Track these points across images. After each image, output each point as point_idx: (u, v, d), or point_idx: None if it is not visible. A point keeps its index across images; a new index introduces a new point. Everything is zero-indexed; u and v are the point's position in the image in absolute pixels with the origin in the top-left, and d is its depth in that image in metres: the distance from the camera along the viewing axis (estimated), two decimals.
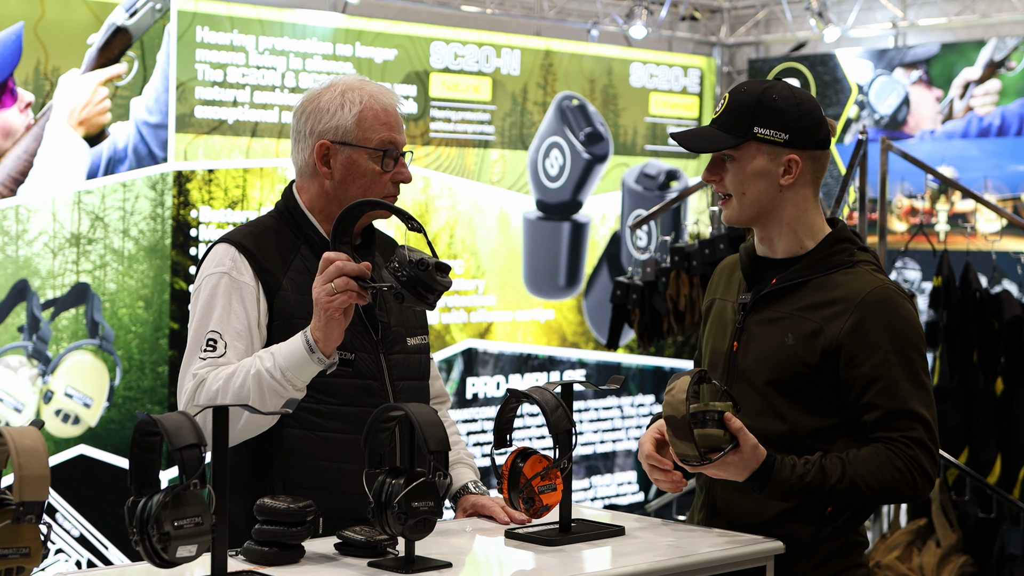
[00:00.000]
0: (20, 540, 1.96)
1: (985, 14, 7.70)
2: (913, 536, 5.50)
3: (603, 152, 7.89)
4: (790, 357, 2.66)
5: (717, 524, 2.74)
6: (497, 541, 2.60)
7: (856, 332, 2.62)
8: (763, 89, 2.71)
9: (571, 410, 2.61)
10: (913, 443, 2.60)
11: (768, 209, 2.72)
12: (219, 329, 2.68)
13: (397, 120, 2.83)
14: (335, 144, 2.77)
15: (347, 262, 2.53)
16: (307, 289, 2.70)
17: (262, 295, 2.72)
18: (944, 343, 5.66)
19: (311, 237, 2.79)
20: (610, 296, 5.75)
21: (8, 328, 5.69)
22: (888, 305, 2.64)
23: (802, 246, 2.73)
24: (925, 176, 5.67)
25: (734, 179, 2.71)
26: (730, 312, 2.79)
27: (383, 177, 2.81)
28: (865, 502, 2.66)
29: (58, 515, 5.75)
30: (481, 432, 7.37)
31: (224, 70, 6.29)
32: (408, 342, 2.84)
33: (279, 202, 2.87)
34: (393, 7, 7.13)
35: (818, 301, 2.67)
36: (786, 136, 2.68)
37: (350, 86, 2.81)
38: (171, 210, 6.10)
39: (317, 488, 2.61)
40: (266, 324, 2.71)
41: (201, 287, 2.74)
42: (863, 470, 2.59)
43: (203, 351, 2.67)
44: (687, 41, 8.62)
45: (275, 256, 2.75)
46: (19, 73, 5.63)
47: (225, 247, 2.76)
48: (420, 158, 7.09)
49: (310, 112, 2.80)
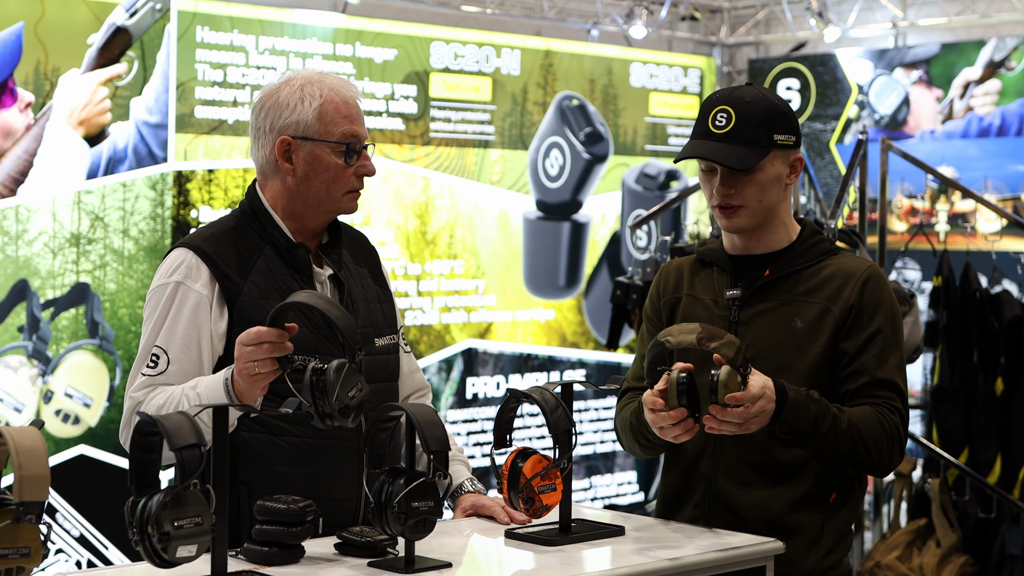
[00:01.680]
0: (20, 540, 1.96)
1: (985, 14, 7.69)
2: (913, 536, 5.50)
3: (603, 152, 7.89)
4: (803, 340, 2.71)
5: (720, 518, 2.74)
6: (497, 541, 2.60)
7: (862, 299, 2.71)
8: (764, 97, 2.74)
9: (571, 410, 2.61)
10: (893, 411, 2.68)
11: (774, 212, 2.76)
12: (163, 344, 2.63)
13: (358, 113, 2.78)
14: (296, 139, 2.71)
15: (268, 333, 2.41)
16: (270, 292, 2.65)
17: (219, 303, 2.65)
18: (944, 343, 5.66)
19: (275, 237, 2.72)
20: (610, 296, 5.75)
21: (8, 328, 5.69)
22: (883, 281, 2.77)
23: (782, 240, 2.80)
24: (925, 176, 5.67)
25: (754, 189, 2.73)
26: (715, 309, 2.80)
27: (347, 171, 2.74)
28: (852, 457, 2.65)
29: (58, 515, 5.75)
30: (481, 432, 7.37)
31: (224, 70, 6.29)
32: (376, 343, 2.78)
33: (242, 202, 2.80)
34: (393, 7, 7.13)
35: (817, 284, 2.75)
36: (794, 138, 2.76)
37: (309, 80, 2.75)
38: (171, 210, 6.10)
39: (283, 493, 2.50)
40: (225, 332, 2.64)
41: (154, 296, 2.68)
42: (856, 420, 2.65)
43: (146, 367, 2.63)
44: (687, 41, 8.62)
45: (236, 260, 2.68)
46: (19, 73, 5.63)
47: (181, 252, 2.70)
48: (420, 158, 7.09)
49: (269, 108, 2.74)
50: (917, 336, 4.96)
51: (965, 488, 5.60)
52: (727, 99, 2.73)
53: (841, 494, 2.74)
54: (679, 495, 2.84)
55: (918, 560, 5.44)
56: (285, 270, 2.71)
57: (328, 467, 2.67)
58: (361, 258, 2.90)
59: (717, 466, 2.75)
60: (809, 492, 2.70)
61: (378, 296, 2.87)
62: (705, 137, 2.73)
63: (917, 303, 4.99)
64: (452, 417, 7.25)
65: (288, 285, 2.68)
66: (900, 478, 5.67)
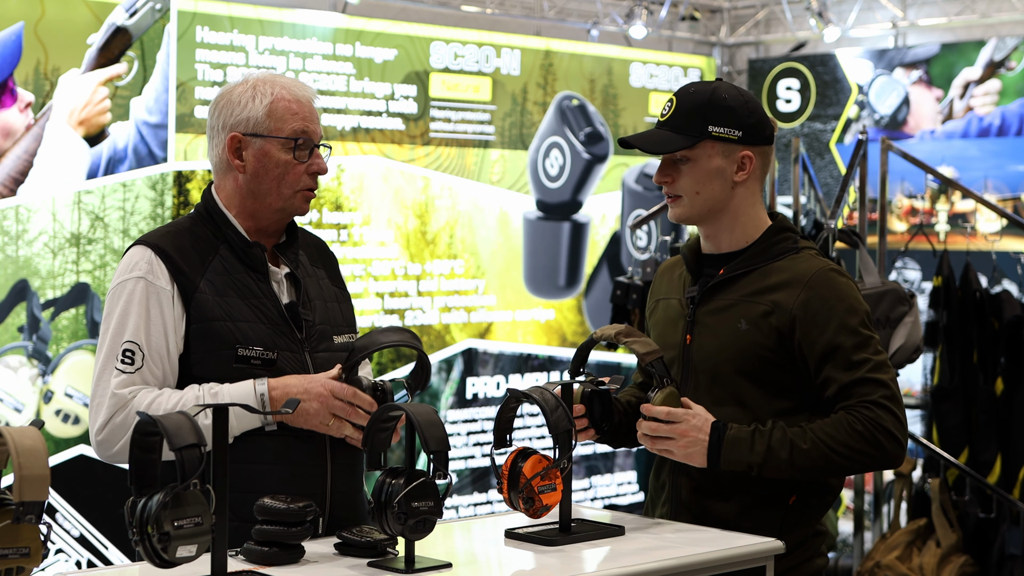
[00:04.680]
0: (20, 540, 1.96)
1: (985, 14, 7.69)
2: (913, 536, 5.50)
3: (603, 152, 7.89)
4: (745, 342, 2.71)
5: (682, 519, 2.77)
6: (497, 541, 2.60)
7: (807, 308, 2.67)
8: (712, 89, 2.76)
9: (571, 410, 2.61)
10: (872, 405, 2.63)
11: (719, 206, 2.77)
12: (136, 340, 2.63)
13: (310, 111, 2.78)
14: (246, 136, 2.73)
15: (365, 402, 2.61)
16: (226, 291, 2.67)
17: (178, 299, 2.66)
18: (944, 343, 5.66)
19: (230, 236, 2.74)
20: (610, 296, 5.75)
21: (8, 328, 5.69)
22: (832, 283, 2.70)
23: (747, 239, 2.79)
24: (925, 176, 5.67)
25: (689, 180, 2.75)
26: (677, 308, 2.83)
27: (297, 168, 2.74)
28: (834, 468, 2.65)
29: (58, 515, 5.75)
30: (481, 432, 7.37)
31: (224, 70, 6.29)
32: (335, 340, 2.80)
33: (198, 204, 2.81)
34: (393, 7, 7.13)
35: (766, 285, 2.73)
36: (739, 133, 2.74)
37: (262, 79, 2.77)
38: (171, 210, 6.10)
39: (247, 491, 2.51)
40: (183, 328, 2.66)
41: (117, 292, 2.68)
42: (823, 434, 2.63)
43: (120, 362, 2.62)
44: (687, 41, 8.62)
45: (193, 257, 2.69)
46: (19, 73, 5.63)
47: (141, 250, 2.70)
48: (420, 158, 7.09)
49: (222, 106, 2.76)
50: (917, 336, 4.96)
51: (965, 488, 5.60)
52: (679, 90, 2.79)
53: (801, 496, 2.73)
54: (653, 495, 2.90)
55: (918, 560, 5.44)
56: (241, 268, 2.72)
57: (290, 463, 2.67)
58: (318, 259, 2.91)
59: (679, 468, 2.77)
60: (767, 495, 2.71)
61: (336, 296, 2.89)
62: (656, 125, 2.81)
63: (917, 303, 4.99)
64: (452, 417, 7.25)
65: (244, 283, 2.70)
66: (900, 478, 5.67)
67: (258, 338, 2.64)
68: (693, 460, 2.65)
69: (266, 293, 2.72)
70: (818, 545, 2.78)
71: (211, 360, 2.65)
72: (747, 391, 2.71)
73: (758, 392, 2.70)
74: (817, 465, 2.63)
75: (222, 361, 2.65)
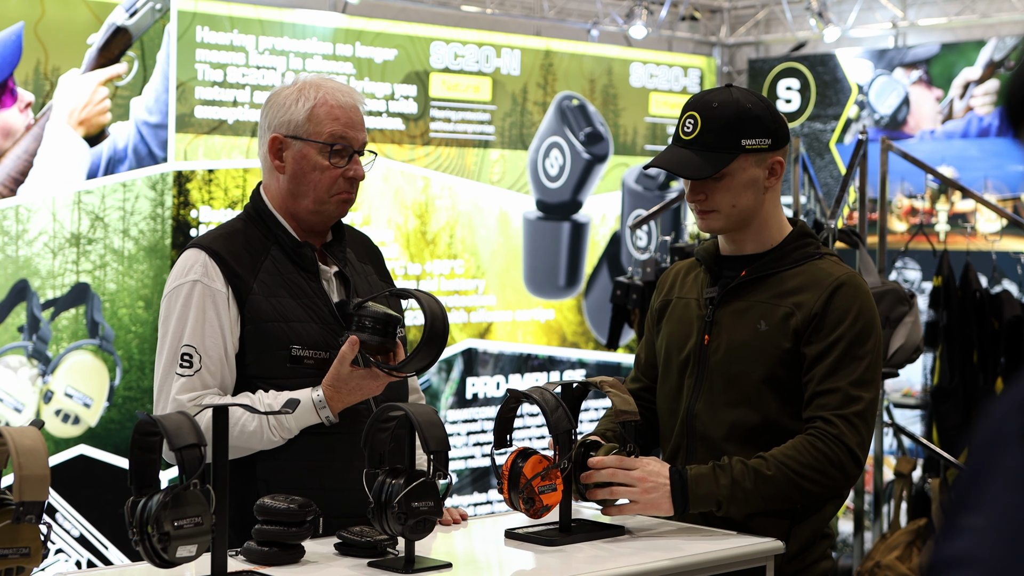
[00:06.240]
0: (20, 540, 1.96)
1: (985, 14, 7.69)
2: (913, 536, 5.50)
3: (603, 152, 7.89)
4: (764, 343, 2.70)
5: (690, 518, 2.75)
6: (497, 541, 2.60)
7: (827, 307, 2.67)
8: (735, 101, 2.72)
9: (572, 410, 2.61)
10: (833, 421, 2.62)
11: (753, 215, 2.76)
12: (193, 343, 2.65)
13: (353, 117, 2.79)
14: (287, 138, 2.76)
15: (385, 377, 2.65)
16: (278, 291, 2.70)
17: (233, 301, 2.68)
18: (944, 343, 5.66)
19: (280, 237, 2.76)
20: (610, 296, 5.75)
21: (8, 328, 5.69)
22: (858, 291, 2.70)
23: (771, 242, 2.78)
24: (925, 176, 5.67)
25: (725, 194, 2.72)
26: (695, 308, 2.81)
27: (332, 172, 2.76)
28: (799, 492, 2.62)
29: (58, 515, 5.75)
30: (481, 432, 7.37)
31: (224, 70, 6.29)
32: None
33: (247, 204, 2.84)
34: (393, 7, 7.13)
35: (789, 288, 2.72)
36: (769, 141, 2.73)
37: (310, 82, 2.80)
38: (171, 210, 6.10)
39: (300, 488, 2.54)
40: (239, 330, 2.68)
41: (173, 296, 2.70)
42: (784, 458, 2.61)
43: (180, 367, 2.64)
44: (687, 41, 8.62)
45: (246, 259, 2.72)
46: (19, 73, 5.63)
47: (195, 252, 2.72)
48: (420, 158, 7.09)
49: (269, 107, 2.80)
50: (917, 336, 4.96)
51: None
52: (697, 104, 2.74)
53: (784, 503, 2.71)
54: None
55: (918, 560, 5.44)
56: (292, 268, 2.75)
57: (343, 457, 2.68)
58: (365, 256, 2.94)
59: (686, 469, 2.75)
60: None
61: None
62: (676, 143, 2.76)
63: (917, 303, 4.99)
64: (452, 417, 7.25)
65: (296, 283, 2.73)
66: (900, 478, 5.67)
67: (310, 338, 2.67)
68: (658, 507, 2.60)
69: (317, 293, 2.74)
70: (824, 548, 2.77)
71: (265, 360, 2.67)
72: (762, 394, 2.69)
73: (772, 395, 2.69)
74: (783, 491, 2.60)
75: (277, 361, 2.67)
